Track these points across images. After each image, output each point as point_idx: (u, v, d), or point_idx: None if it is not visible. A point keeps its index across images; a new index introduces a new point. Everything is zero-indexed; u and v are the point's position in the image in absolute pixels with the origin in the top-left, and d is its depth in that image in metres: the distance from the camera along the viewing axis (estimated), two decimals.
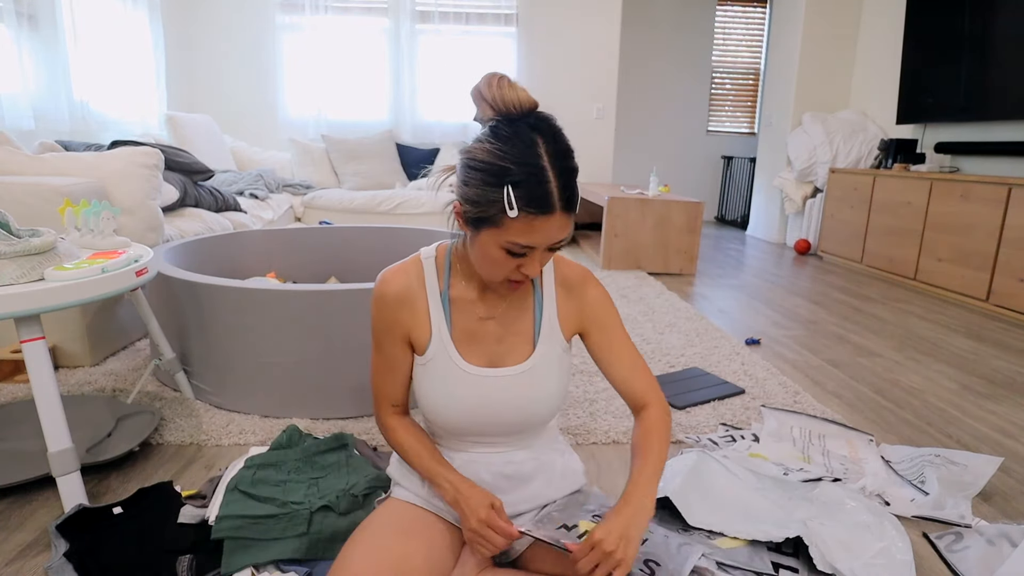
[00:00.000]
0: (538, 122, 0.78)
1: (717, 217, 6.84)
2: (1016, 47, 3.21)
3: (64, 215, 1.43)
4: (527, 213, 0.75)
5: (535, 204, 0.75)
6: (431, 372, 0.92)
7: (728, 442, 1.56)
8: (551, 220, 0.76)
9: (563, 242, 0.81)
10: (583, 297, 0.95)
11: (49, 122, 3.23)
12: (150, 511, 1.16)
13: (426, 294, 0.92)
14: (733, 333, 2.58)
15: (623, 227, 3.78)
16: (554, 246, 0.80)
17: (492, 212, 0.76)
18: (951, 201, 3.33)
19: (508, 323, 0.93)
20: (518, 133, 0.76)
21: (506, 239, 0.77)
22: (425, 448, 0.95)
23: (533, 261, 0.81)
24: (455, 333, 0.92)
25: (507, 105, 0.78)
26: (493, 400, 0.91)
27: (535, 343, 0.93)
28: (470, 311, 0.92)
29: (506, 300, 0.93)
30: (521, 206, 0.74)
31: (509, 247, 0.78)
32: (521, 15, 4.81)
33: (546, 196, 0.75)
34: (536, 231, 0.76)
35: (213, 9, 4.72)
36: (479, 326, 0.92)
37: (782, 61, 5.06)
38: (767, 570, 1.06)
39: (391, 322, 0.92)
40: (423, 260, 0.94)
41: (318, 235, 2.62)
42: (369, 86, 4.94)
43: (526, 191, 0.74)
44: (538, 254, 0.80)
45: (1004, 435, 1.70)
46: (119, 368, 1.95)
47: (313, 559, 1.05)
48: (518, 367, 0.92)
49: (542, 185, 0.75)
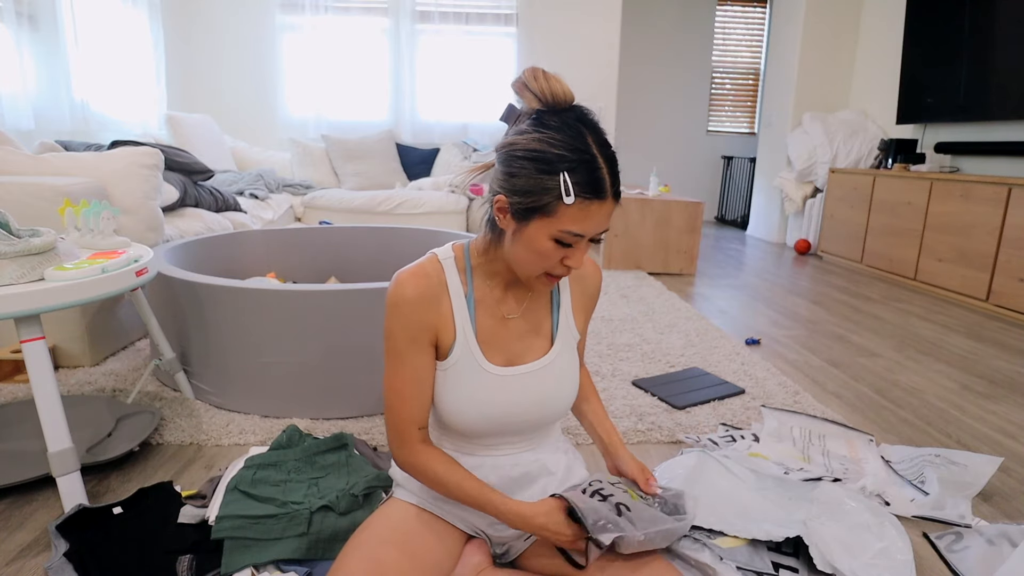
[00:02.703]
0: (582, 114, 0.80)
1: (717, 217, 6.84)
2: (1016, 47, 3.21)
3: (64, 215, 1.43)
4: (583, 199, 0.76)
5: (590, 189, 0.76)
6: (454, 376, 0.89)
7: (728, 442, 1.56)
8: (604, 206, 0.78)
9: (606, 232, 0.81)
10: (592, 290, 1.00)
11: (49, 122, 3.23)
12: (150, 511, 1.16)
13: (449, 296, 0.89)
14: (733, 333, 2.58)
15: (623, 227, 3.78)
16: (597, 236, 0.81)
17: (546, 200, 0.77)
18: (951, 201, 3.33)
19: (529, 321, 0.93)
20: (566, 123, 0.78)
21: (559, 228, 0.78)
22: (471, 479, 0.88)
23: (579, 252, 0.81)
24: (480, 334, 0.90)
25: (554, 96, 0.80)
26: (513, 399, 0.91)
27: (553, 338, 0.94)
28: (494, 311, 0.91)
29: (528, 298, 0.93)
30: (578, 192, 0.76)
31: (560, 236, 0.78)
32: (521, 15, 4.81)
33: (600, 181, 0.76)
34: (589, 218, 0.77)
35: (213, 9, 4.72)
36: (501, 326, 0.92)
37: (782, 61, 5.06)
38: (767, 570, 1.06)
39: (417, 326, 0.86)
40: (442, 261, 0.90)
41: (318, 235, 2.62)
42: (369, 86, 4.94)
43: (582, 176, 0.76)
44: (584, 244, 0.81)
45: (1004, 435, 1.70)
46: (119, 368, 1.95)
47: (313, 559, 1.05)
48: (536, 363, 0.92)
49: (596, 171, 0.76)
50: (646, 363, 2.14)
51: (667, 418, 1.70)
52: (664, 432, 1.62)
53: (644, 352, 2.25)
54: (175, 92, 4.55)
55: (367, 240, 2.65)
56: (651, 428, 1.63)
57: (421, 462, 0.89)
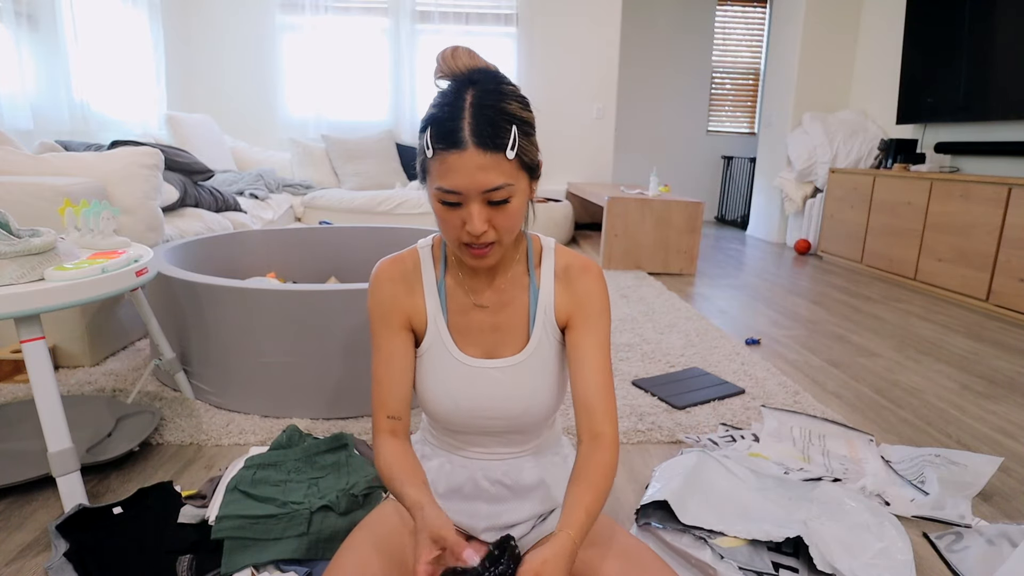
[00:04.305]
0: (476, 74, 0.78)
1: (717, 217, 6.84)
2: (1016, 47, 3.21)
3: (64, 215, 1.43)
4: (438, 151, 0.75)
5: (443, 140, 0.74)
6: (428, 362, 0.91)
7: (728, 442, 1.56)
8: (464, 157, 0.73)
9: (499, 190, 0.75)
10: (578, 283, 0.91)
11: (49, 122, 3.23)
12: (150, 511, 1.16)
13: (422, 281, 0.91)
14: (733, 333, 2.58)
15: (623, 227, 3.78)
16: (493, 198, 0.76)
17: (422, 161, 0.79)
18: (951, 201, 3.33)
19: (502, 313, 0.92)
20: (452, 86, 0.78)
21: (434, 187, 0.77)
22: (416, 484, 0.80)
23: (470, 214, 0.77)
24: (451, 322, 0.91)
25: (456, 70, 0.79)
26: (489, 392, 0.90)
27: (529, 334, 0.92)
28: (464, 299, 0.91)
29: (504, 290, 0.92)
30: (433, 144, 0.75)
31: (440, 196, 0.77)
32: (521, 15, 4.81)
33: (453, 132, 0.73)
34: (452, 170, 0.74)
35: (213, 9, 4.72)
36: (473, 315, 0.91)
37: (782, 61, 5.06)
38: (767, 570, 1.06)
39: (390, 307, 0.89)
40: (419, 249, 0.93)
41: (318, 235, 2.62)
42: (369, 86, 4.95)
43: (436, 129, 0.75)
44: (475, 206, 0.76)
45: (1004, 435, 1.70)
46: (119, 368, 1.95)
47: (313, 559, 1.05)
48: (513, 358, 0.91)
49: (452, 121, 0.73)
50: (646, 363, 2.14)
51: (667, 418, 1.70)
52: (664, 432, 1.62)
53: (644, 352, 2.25)
54: (175, 92, 4.55)
55: (367, 240, 2.65)
56: (651, 428, 1.63)
57: (380, 452, 0.85)
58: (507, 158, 0.74)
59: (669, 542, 1.12)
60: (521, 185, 0.78)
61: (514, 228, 0.81)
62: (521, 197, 0.79)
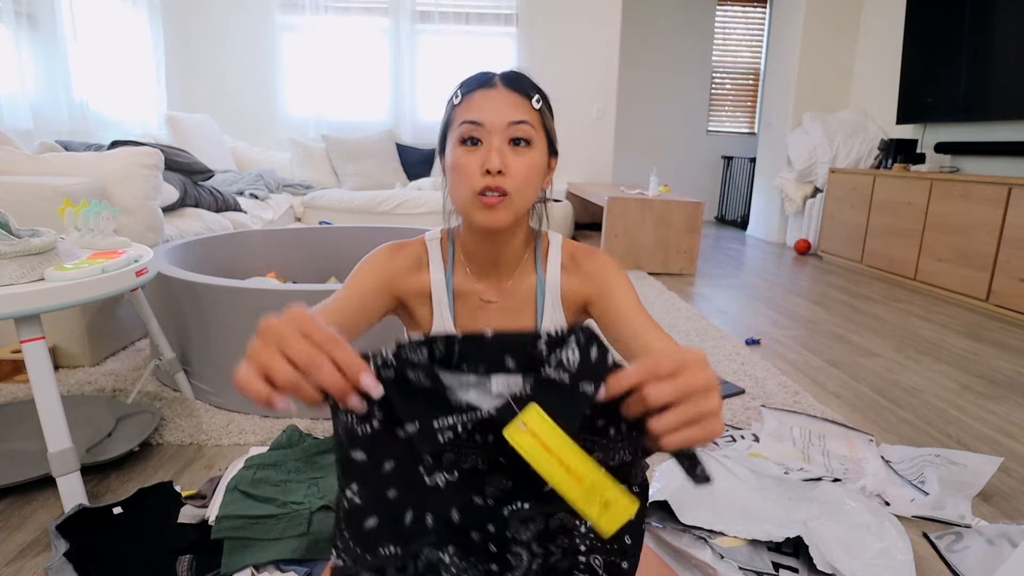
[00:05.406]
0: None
1: (717, 217, 6.84)
2: (1016, 47, 3.21)
3: (64, 215, 1.44)
4: (466, 95, 0.81)
5: (475, 83, 0.81)
6: None
7: (728, 442, 1.56)
8: (492, 93, 0.80)
9: (523, 125, 0.78)
10: (585, 265, 0.90)
11: (49, 122, 3.23)
12: (150, 511, 1.16)
13: (430, 275, 0.89)
14: (733, 333, 2.58)
15: (623, 227, 3.78)
16: (515, 133, 0.78)
17: (447, 117, 0.83)
18: (951, 201, 3.33)
19: (509, 307, 0.91)
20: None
21: (459, 122, 0.80)
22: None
23: (490, 150, 0.77)
24: (458, 319, 0.89)
25: None
26: None
27: (537, 326, 0.90)
28: (472, 296, 0.90)
29: (509, 283, 0.90)
30: (464, 89, 0.82)
31: (462, 132, 0.79)
32: (521, 15, 4.81)
33: (484, 75, 0.82)
34: (479, 104, 0.79)
35: (213, 9, 4.72)
36: (481, 311, 0.90)
37: (782, 61, 5.06)
38: (767, 570, 1.06)
39: (385, 273, 0.86)
40: (427, 242, 0.91)
41: (318, 235, 2.62)
42: (369, 86, 4.94)
43: (466, 80, 0.83)
44: (496, 141, 0.78)
45: (1004, 435, 1.70)
46: (119, 368, 1.95)
47: (313, 559, 1.05)
48: None
49: (483, 74, 0.83)
50: None
51: None
52: None
53: None
54: (175, 92, 4.55)
55: (367, 240, 2.64)
56: None
57: None
58: (532, 107, 0.80)
59: (669, 542, 1.12)
60: (540, 144, 0.81)
61: (527, 185, 0.80)
62: (540, 154, 0.81)
